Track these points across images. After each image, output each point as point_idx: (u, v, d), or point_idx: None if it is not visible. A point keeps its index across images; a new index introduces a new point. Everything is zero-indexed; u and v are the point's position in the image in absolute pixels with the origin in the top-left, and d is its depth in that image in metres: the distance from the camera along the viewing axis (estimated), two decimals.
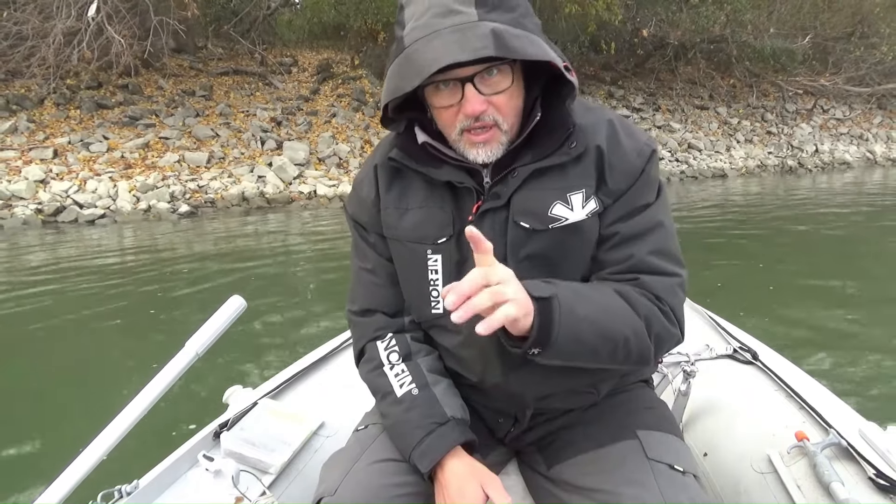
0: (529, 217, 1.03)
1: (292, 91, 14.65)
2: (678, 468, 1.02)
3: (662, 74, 18.64)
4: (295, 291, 5.58)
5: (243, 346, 3.88)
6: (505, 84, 0.96)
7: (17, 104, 11.63)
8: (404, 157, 1.08)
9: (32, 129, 11.01)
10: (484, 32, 0.87)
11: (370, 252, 1.19)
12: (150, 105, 12.64)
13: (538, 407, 1.16)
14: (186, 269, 6.30)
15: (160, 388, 1.23)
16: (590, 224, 1.03)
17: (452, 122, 0.99)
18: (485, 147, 0.99)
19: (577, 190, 1.02)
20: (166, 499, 1.22)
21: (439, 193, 1.08)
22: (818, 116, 19.04)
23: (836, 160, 17.02)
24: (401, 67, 0.92)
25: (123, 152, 10.68)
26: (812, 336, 4.02)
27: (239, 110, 13.20)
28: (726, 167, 15.21)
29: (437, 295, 1.12)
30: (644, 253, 1.03)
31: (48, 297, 5.33)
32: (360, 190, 1.18)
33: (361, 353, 1.21)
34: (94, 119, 11.78)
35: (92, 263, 6.54)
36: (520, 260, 1.04)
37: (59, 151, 10.39)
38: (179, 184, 9.96)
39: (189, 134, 11.79)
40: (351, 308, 1.24)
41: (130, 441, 1.19)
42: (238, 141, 11.86)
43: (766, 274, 5.80)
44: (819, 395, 1.43)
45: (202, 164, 10.83)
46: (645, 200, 1.05)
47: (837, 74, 18.36)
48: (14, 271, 6.35)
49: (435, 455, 1.03)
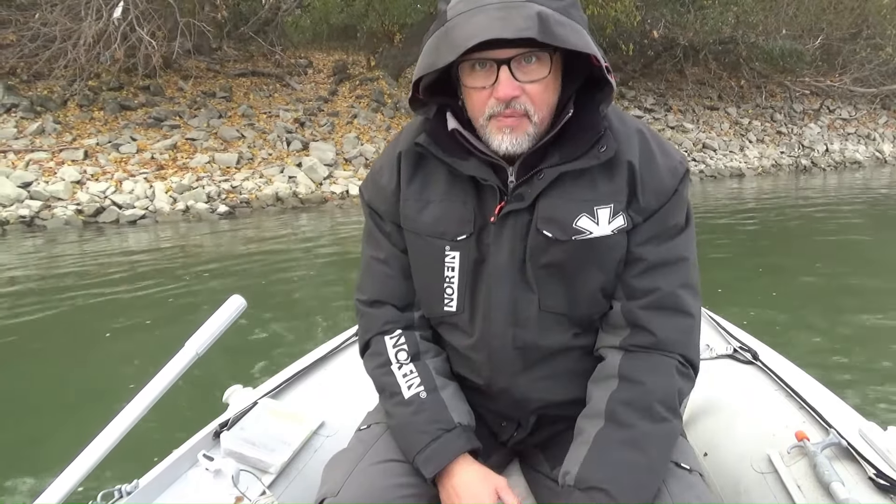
0: (553, 226, 1.01)
1: (311, 92, 14.67)
2: (685, 466, 1.02)
3: (670, 75, 18.80)
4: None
5: (244, 346, 3.83)
6: (542, 73, 0.93)
7: (41, 105, 11.59)
8: (431, 145, 1.04)
9: (59, 131, 10.96)
10: (530, 14, 0.84)
11: (384, 241, 1.16)
12: (172, 106, 12.61)
13: (542, 412, 1.14)
14: (238, 267, 6.33)
15: (160, 388, 1.22)
16: (614, 240, 1.01)
17: (483, 105, 0.95)
18: (511, 134, 0.96)
19: (605, 204, 1.00)
20: (166, 498, 1.21)
21: (462, 187, 1.06)
22: (825, 117, 19.29)
23: (847, 159, 17.28)
24: (439, 41, 0.89)
25: (153, 153, 10.67)
26: (812, 336, 3.99)
27: (261, 111, 13.21)
28: (743, 167, 15.38)
29: (451, 292, 1.09)
30: (670, 286, 1.02)
31: (97, 296, 5.36)
32: (379, 177, 1.14)
33: (367, 346, 1.18)
34: (118, 120, 11.74)
35: (154, 262, 6.59)
36: (539, 266, 1.03)
37: (90, 152, 10.35)
38: (213, 184, 9.97)
39: (215, 135, 11.79)
40: (360, 297, 1.20)
41: (130, 441, 1.18)
42: (264, 142, 11.87)
43: (767, 273, 5.80)
44: (819, 395, 1.43)
45: (232, 164, 10.83)
46: (675, 221, 1.03)
47: (845, 75, 18.61)
48: (65, 270, 6.35)
49: (440, 461, 1.03)
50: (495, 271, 1.05)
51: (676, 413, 1.01)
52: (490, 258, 1.05)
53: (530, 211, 1.02)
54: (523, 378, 1.09)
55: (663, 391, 1.00)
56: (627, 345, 1.03)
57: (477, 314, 1.08)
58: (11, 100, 11.39)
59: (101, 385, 3.53)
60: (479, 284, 1.07)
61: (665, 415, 0.98)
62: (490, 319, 1.06)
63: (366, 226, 1.20)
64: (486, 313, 1.07)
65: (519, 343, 1.07)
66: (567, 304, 1.05)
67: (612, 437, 0.97)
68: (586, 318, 1.08)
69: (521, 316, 1.06)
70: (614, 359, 1.04)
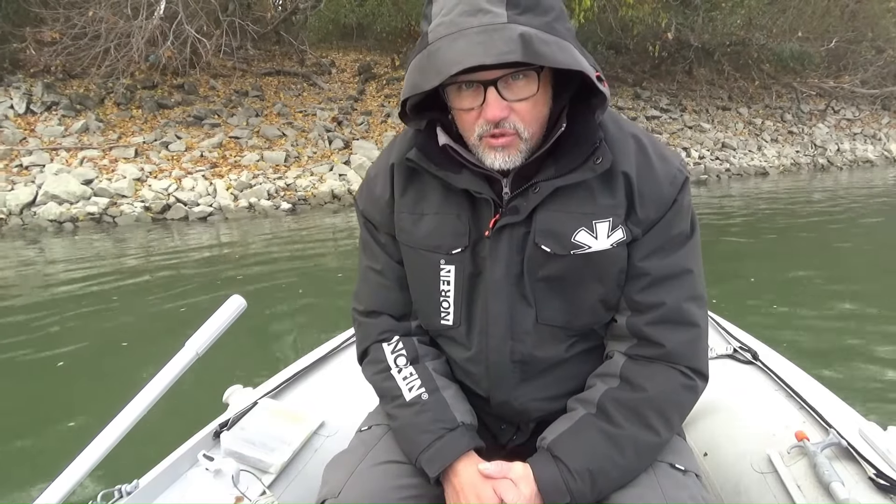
0: (551, 240, 1.00)
1: (340, 92, 14.73)
2: (679, 467, 1.02)
3: (680, 76, 19.19)
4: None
5: (245, 346, 3.82)
6: (530, 91, 0.91)
7: (80, 103, 11.51)
8: (422, 159, 1.02)
9: (103, 128, 10.92)
10: (511, 36, 0.82)
11: (380, 252, 1.15)
12: (208, 105, 12.60)
13: (542, 419, 1.14)
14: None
15: (160, 388, 1.22)
16: (614, 253, 1.00)
17: (472, 125, 0.94)
18: (503, 152, 0.94)
19: (603, 218, 0.98)
20: (166, 498, 1.21)
21: (456, 200, 1.04)
22: (831, 117, 19.85)
23: (859, 158, 17.81)
24: (422, 64, 0.88)
25: (202, 151, 10.67)
26: (812, 335, 4.00)
27: (295, 110, 13.25)
28: (766, 165, 15.79)
29: (447, 306, 1.09)
30: (676, 301, 1.01)
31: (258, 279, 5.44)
32: (373, 186, 1.13)
33: (365, 354, 1.18)
34: (157, 119, 11.72)
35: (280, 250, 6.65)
36: (536, 280, 1.03)
37: (139, 150, 10.33)
38: (268, 182, 10.02)
39: (258, 133, 11.81)
40: (356, 307, 1.20)
41: (130, 441, 1.18)
42: (306, 140, 11.93)
43: (768, 273, 5.77)
44: (819, 395, 1.42)
45: (280, 162, 10.89)
46: (677, 231, 1.01)
47: (855, 76, 19.20)
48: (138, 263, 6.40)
49: (444, 460, 1.02)
50: (492, 285, 1.04)
51: (670, 426, 1.01)
52: (486, 272, 1.04)
53: (527, 224, 1.01)
54: (522, 390, 1.09)
55: (662, 401, 1.00)
56: (634, 353, 1.04)
57: (474, 328, 1.08)
58: (51, 98, 11.32)
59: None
60: (476, 298, 1.07)
61: (657, 426, 0.99)
62: (487, 333, 1.06)
63: (361, 235, 1.19)
64: (482, 327, 1.07)
65: (517, 356, 1.06)
66: (565, 316, 1.05)
67: (595, 426, 1.00)
68: (585, 329, 1.08)
69: (518, 329, 1.05)
70: (619, 359, 1.05)
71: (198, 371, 1.31)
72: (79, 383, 3.51)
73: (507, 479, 0.99)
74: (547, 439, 1.02)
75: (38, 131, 10.39)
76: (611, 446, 0.97)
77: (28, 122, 10.73)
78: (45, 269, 6.28)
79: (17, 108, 10.90)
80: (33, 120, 10.81)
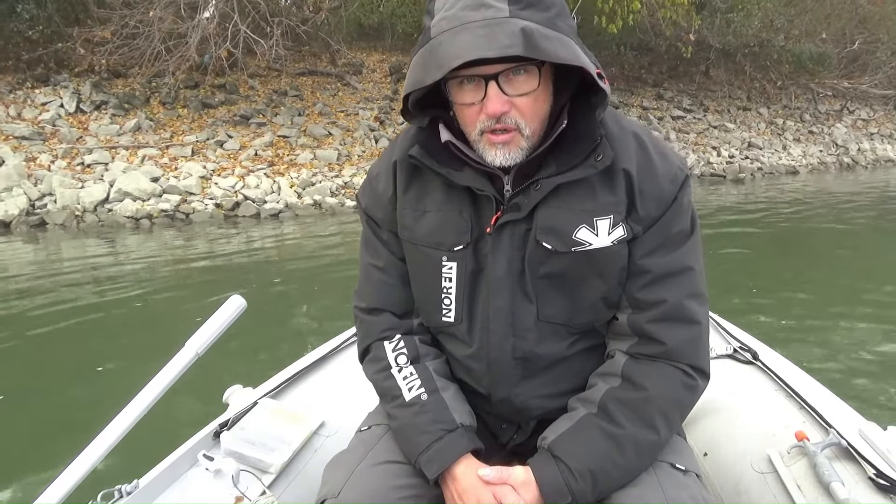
0: (552, 237, 1.00)
1: (374, 91, 14.84)
2: (679, 467, 1.02)
3: (698, 77, 19.47)
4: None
5: (246, 346, 3.80)
6: (531, 86, 0.92)
7: (128, 102, 11.56)
8: (424, 156, 1.03)
9: (154, 127, 10.98)
10: (513, 30, 0.83)
11: (382, 249, 1.16)
12: (251, 104, 12.68)
13: (542, 417, 1.13)
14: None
15: (160, 388, 1.22)
16: (614, 250, 1.00)
17: (473, 121, 0.95)
18: (504, 149, 0.95)
19: (604, 215, 0.99)
20: (166, 498, 1.20)
21: (458, 197, 1.05)
22: (847, 117, 20.22)
23: (881, 157, 18.17)
24: (424, 59, 0.89)
25: (256, 150, 10.76)
26: (812, 335, 4.01)
27: (336, 110, 13.35)
28: (794, 164, 16.08)
29: (448, 303, 1.09)
30: (677, 298, 1.01)
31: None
32: (376, 183, 1.13)
33: (366, 352, 1.18)
34: (203, 118, 11.79)
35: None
36: (538, 277, 1.03)
37: (195, 149, 10.40)
38: (327, 180, 10.13)
39: (305, 132, 11.91)
40: (358, 304, 1.20)
41: (130, 441, 1.18)
42: (353, 140, 12.04)
43: (770, 273, 5.81)
44: (819, 395, 1.42)
45: (333, 161, 10.99)
46: (678, 229, 1.01)
47: (872, 76, 19.58)
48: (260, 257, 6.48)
49: (443, 462, 1.02)
50: (493, 282, 1.05)
51: (670, 425, 1.02)
52: (487, 268, 1.05)
53: (528, 221, 1.01)
54: (523, 387, 1.09)
55: (663, 400, 1.00)
56: (635, 352, 1.04)
57: (475, 324, 1.08)
58: (100, 97, 11.37)
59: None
60: (477, 295, 1.07)
61: (658, 425, 0.99)
62: (488, 330, 1.07)
63: (364, 232, 1.19)
64: (484, 323, 1.07)
65: (518, 353, 1.07)
66: (566, 313, 1.05)
67: (596, 425, 1.00)
68: (587, 326, 1.08)
69: (519, 326, 1.05)
70: (620, 358, 1.05)
71: (198, 371, 1.31)
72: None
73: (506, 485, 0.99)
74: (548, 439, 1.03)
75: (92, 130, 10.46)
76: (612, 446, 0.98)
77: (80, 120, 10.78)
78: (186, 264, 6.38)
79: (67, 108, 10.94)
80: (84, 119, 10.87)
